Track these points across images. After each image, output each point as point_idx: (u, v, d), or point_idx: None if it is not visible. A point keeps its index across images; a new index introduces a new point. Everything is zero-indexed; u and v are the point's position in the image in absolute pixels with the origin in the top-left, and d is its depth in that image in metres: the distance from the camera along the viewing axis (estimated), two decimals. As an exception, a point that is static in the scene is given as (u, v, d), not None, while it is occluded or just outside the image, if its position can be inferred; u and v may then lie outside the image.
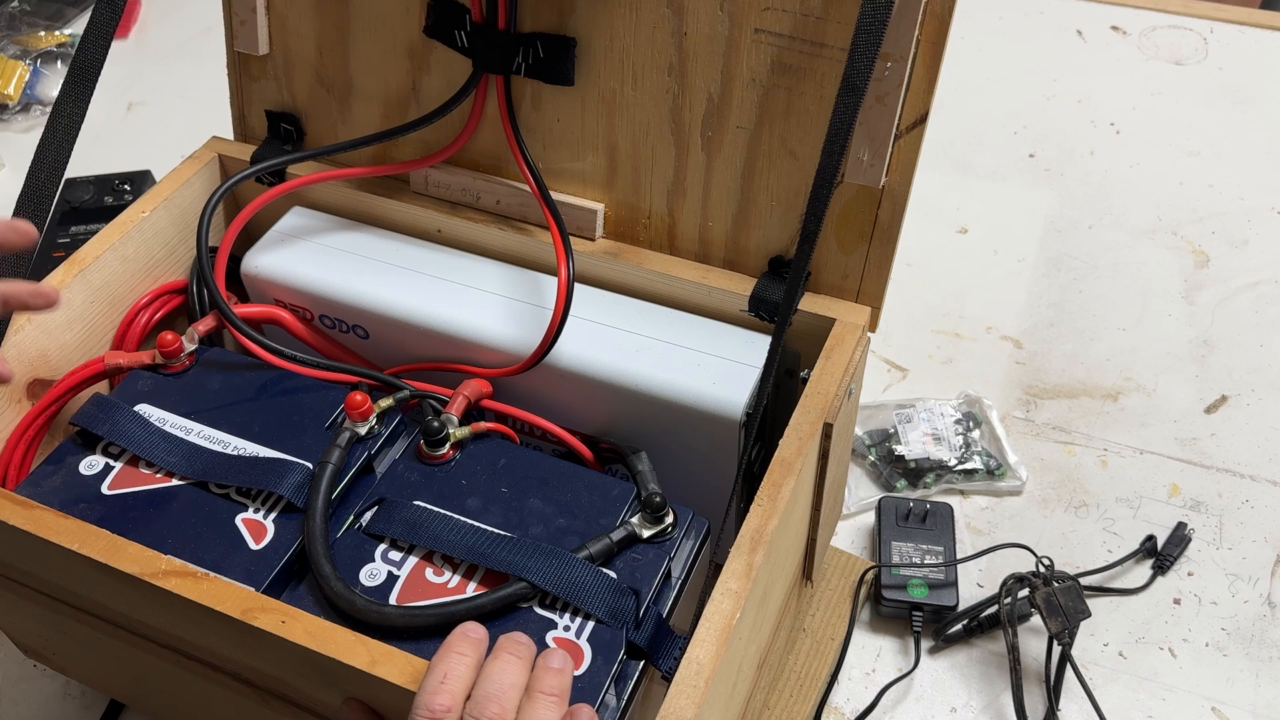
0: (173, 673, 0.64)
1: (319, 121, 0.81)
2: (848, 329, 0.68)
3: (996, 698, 0.79)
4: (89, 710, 0.79)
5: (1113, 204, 1.17)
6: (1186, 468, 0.93)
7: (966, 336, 1.05)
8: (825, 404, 0.64)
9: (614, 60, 0.69)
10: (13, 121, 1.32)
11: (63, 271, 0.72)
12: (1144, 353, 1.03)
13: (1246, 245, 1.13)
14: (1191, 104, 1.29)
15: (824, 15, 0.63)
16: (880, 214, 0.67)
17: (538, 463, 0.66)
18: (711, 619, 0.54)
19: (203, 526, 0.61)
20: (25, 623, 0.71)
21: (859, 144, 0.64)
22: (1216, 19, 1.40)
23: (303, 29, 0.77)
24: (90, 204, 1.10)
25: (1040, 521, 0.90)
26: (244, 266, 0.76)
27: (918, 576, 0.82)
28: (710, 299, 0.72)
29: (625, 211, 0.74)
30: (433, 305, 0.72)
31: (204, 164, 0.80)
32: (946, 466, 0.91)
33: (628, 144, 0.72)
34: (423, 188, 0.78)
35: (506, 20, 0.69)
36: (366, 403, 0.65)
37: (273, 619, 0.54)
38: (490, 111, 0.74)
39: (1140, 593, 0.85)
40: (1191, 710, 0.79)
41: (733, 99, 0.67)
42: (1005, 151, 1.24)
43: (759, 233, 0.71)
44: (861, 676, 0.81)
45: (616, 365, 0.68)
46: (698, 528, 0.64)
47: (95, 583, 0.59)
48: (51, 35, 1.40)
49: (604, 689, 0.55)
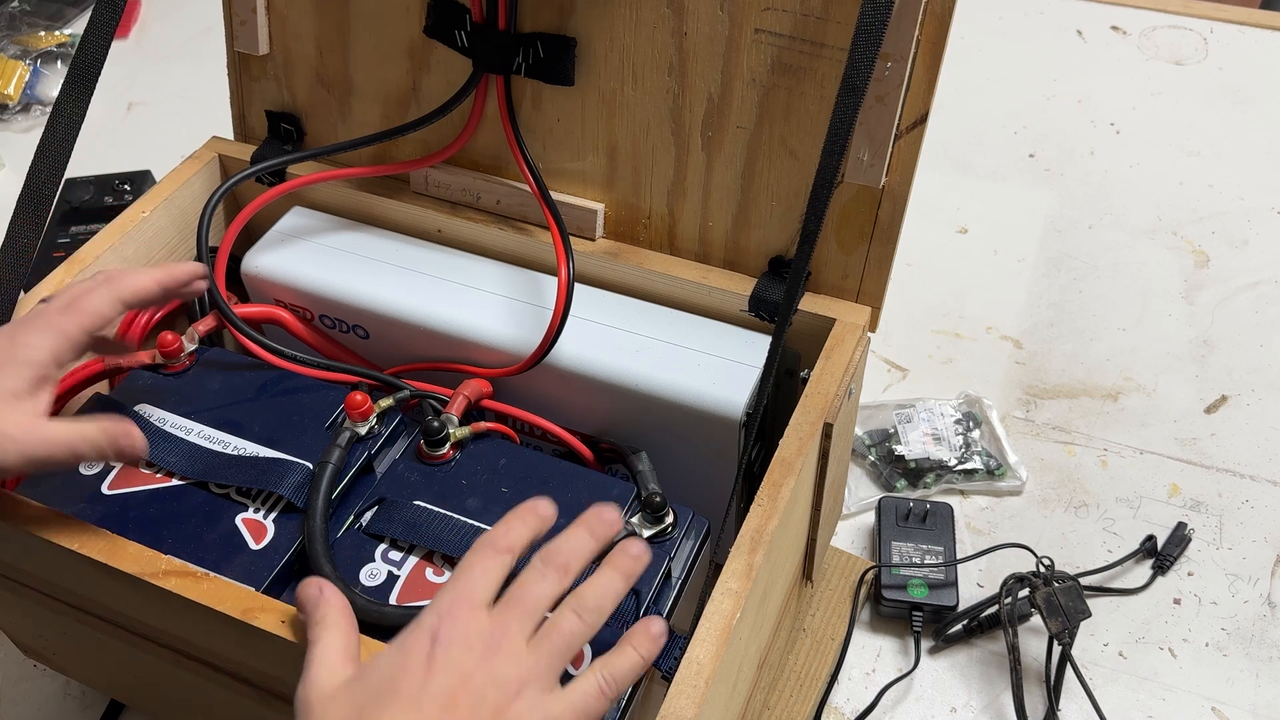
0: (173, 673, 0.64)
1: (319, 121, 0.81)
2: (848, 329, 0.68)
3: (996, 698, 0.79)
4: (89, 710, 0.79)
5: (1113, 204, 1.17)
6: (1186, 468, 0.93)
7: (966, 336, 1.05)
8: (825, 404, 0.64)
9: (614, 60, 0.69)
10: (13, 121, 1.32)
11: (63, 271, 0.72)
12: (1144, 353, 1.03)
13: (1246, 245, 1.13)
14: (1191, 104, 1.29)
15: (824, 15, 0.63)
16: (880, 214, 0.67)
17: (538, 463, 0.66)
18: (711, 619, 0.54)
19: (203, 526, 0.61)
20: (25, 623, 0.71)
21: (859, 144, 0.64)
22: (1216, 19, 1.40)
23: (303, 29, 0.77)
24: (90, 204, 1.10)
25: (1040, 521, 0.90)
26: (244, 266, 0.76)
27: (918, 576, 0.82)
28: (710, 299, 0.72)
29: (625, 211, 0.74)
30: (433, 305, 0.72)
31: (204, 164, 0.80)
32: (946, 466, 0.91)
33: (628, 144, 0.72)
34: (423, 188, 0.78)
35: (506, 20, 0.69)
36: (366, 403, 0.65)
37: (273, 619, 0.54)
38: (490, 111, 0.74)
39: (1140, 593, 0.85)
40: (1191, 710, 0.79)
41: (733, 99, 0.67)
42: (1005, 151, 1.24)
43: (759, 233, 0.71)
44: (861, 676, 0.81)
45: (616, 365, 0.68)
46: (698, 528, 0.64)
47: (95, 583, 0.59)
48: (51, 35, 1.40)
49: (604, 689, 0.55)
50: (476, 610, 0.49)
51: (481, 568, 0.50)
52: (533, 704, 0.47)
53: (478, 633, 0.48)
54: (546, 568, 0.51)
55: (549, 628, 0.50)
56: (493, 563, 0.51)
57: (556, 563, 0.51)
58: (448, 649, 0.47)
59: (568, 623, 0.50)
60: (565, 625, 0.50)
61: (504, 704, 0.47)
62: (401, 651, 0.48)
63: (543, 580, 0.50)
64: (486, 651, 0.48)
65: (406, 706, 0.46)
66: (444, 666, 0.47)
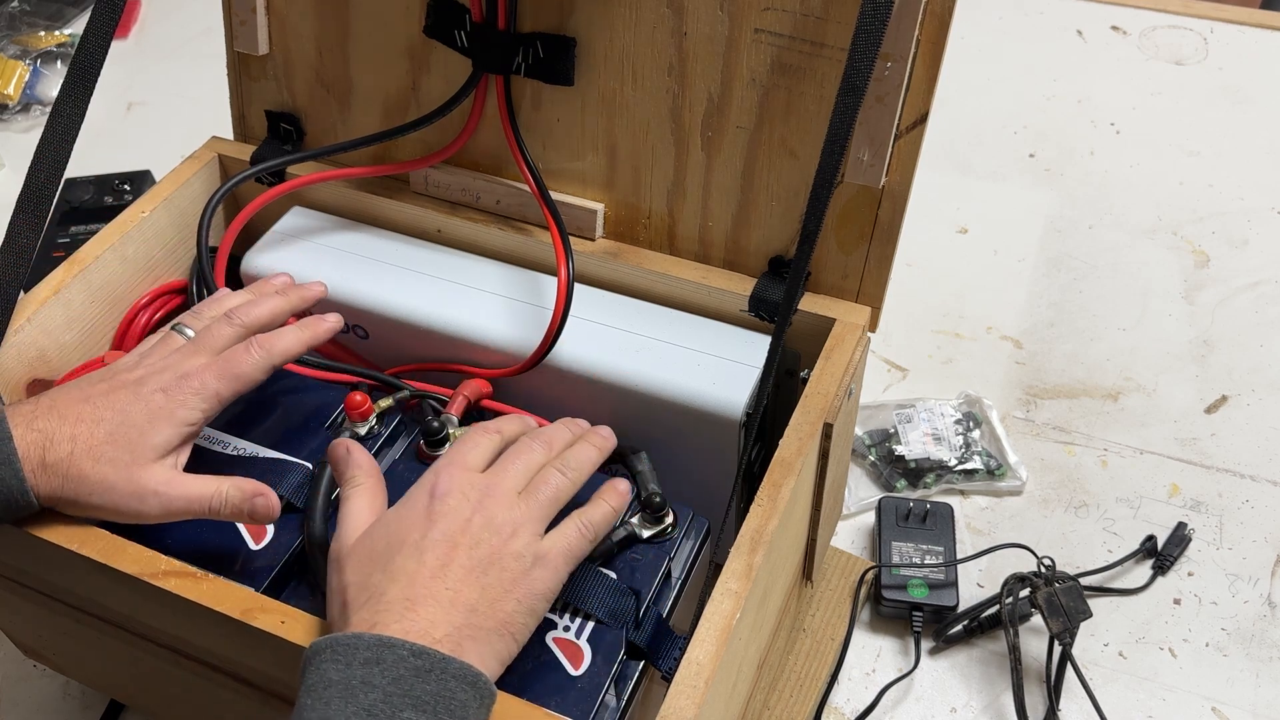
0: (173, 673, 0.64)
1: (319, 121, 0.81)
2: (848, 329, 0.68)
3: (997, 698, 0.79)
4: (89, 710, 0.79)
5: (1113, 204, 1.17)
6: (1186, 468, 0.93)
7: (966, 336, 1.05)
8: (825, 404, 0.64)
9: (614, 60, 0.69)
10: (13, 121, 1.32)
11: (63, 271, 0.72)
12: (1144, 353, 1.03)
13: (1246, 245, 1.13)
14: (1191, 104, 1.29)
15: (824, 15, 0.63)
16: (880, 214, 0.67)
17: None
18: (711, 619, 0.54)
19: (203, 526, 0.61)
20: (25, 623, 0.71)
21: (859, 144, 0.64)
22: (1216, 19, 1.40)
23: (303, 29, 0.77)
24: (90, 204, 1.10)
25: (1040, 521, 0.90)
26: (244, 266, 0.76)
27: (918, 576, 0.82)
28: (710, 299, 0.72)
29: (625, 211, 0.74)
30: (433, 305, 0.72)
31: (204, 164, 0.80)
32: (946, 466, 0.91)
33: (628, 144, 0.72)
34: (423, 188, 0.78)
35: (506, 20, 0.69)
36: (366, 403, 0.65)
37: (273, 619, 0.54)
38: (490, 111, 0.74)
39: (1140, 593, 0.85)
40: (1191, 710, 0.79)
41: (733, 99, 0.67)
42: (1005, 151, 1.24)
43: (759, 233, 0.71)
44: (861, 676, 0.81)
45: (616, 365, 0.68)
46: (698, 528, 0.64)
47: (95, 583, 0.59)
48: (51, 35, 1.40)
49: (604, 689, 0.55)
50: (470, 471, 0.56)
51: (474, 441, 0.58)
52: (525, 543, 0.53)
53: (472, 484, 0.54)
54: (533, 441, 0.58)
55: (538, 481, 0.56)
56: (484, 438, 0.58)
57: (541, 438, 0.59)
58: (445, 499, 0.53)
59: (554, 477, 0.56)
60: (552, 479, 0.56)
61: (500, 545, 0.53)
62: (405, 506, 0.54)
63: (530, 449, 0.58)
64: (482, 500, 0.54)
65: (411, 553, 0.52)
66: (443, 515, 0.53)
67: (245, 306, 0.65)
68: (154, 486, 0.56)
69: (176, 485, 0.57)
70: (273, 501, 0.58)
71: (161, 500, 0.57)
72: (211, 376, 0.59)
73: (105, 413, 0.57)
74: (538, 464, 0.57)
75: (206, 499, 0.57)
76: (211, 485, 0.58)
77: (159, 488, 0.57)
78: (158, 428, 0.57)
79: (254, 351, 0.61)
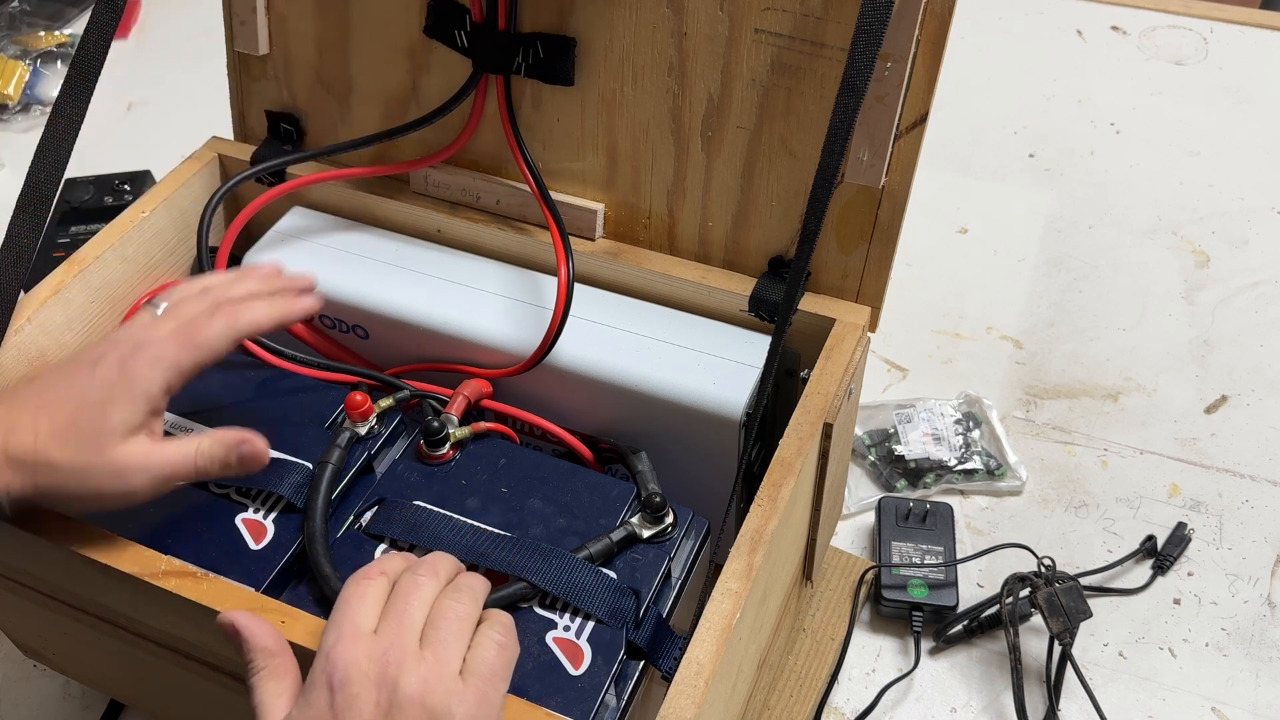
0: (173, 673, 0.64)
1: (319, 121, 0.81)
2: (848, 329, 0.68)
3: (997, 698, 0.79)
4: (89, 710, 0.79)
5: (1113, 204, 1.17)
6: (1186, 468, 0.93)
7: (966, 336, 1.05)
8: (825, 404, 0.64)
9: (614, 60, 0.69)
10: (13, 121, 1.32)
11: (63, 271, 0.72)
12: (1144, 353, 1.03)
13: (1246, 245, 1.13)
14: (1191, 104, 1.29)
15: (824, 15, 0.63)
16: (880, 214, 0.67)
17: (538, 463, 0.66)
18: (711, 619, 0.54)
19: (203, 526, 0.61)
20: (25, 623, 0.71)
21: (859, 144, 0.64)
22: (1216, 19, 1.40)
23: (303, 29, 0.77)
24: (90, 204, 1.10)
25: (1040, 521, 0.90)
26: (244, 266, 0.76)
27: (918, 576, 0.82)
28: (710, 299, 0.72)
29: (625, 211, 0.74)
30: (433, 305, 0.72)
31: (204, 164, 0.80)
32: (946, 466, 0.91)
33: (628, 144, 0.72)
34: (423, 188, 0.78)
35: (506, 20, 0.69)
36: (366, 403, 0.65)
37: (272, 619, 0.54)
38: (490, 111, 0.74)
39: (1140, 593, 0.85)
40: (1191, 710, 0.79)
41: (733, 99, 0.67)
42: (1005, 151, 1.24)
43: (759, 233, 0.71)
44: (861, 676, 0.81)
45: (616, 365, 0.68)
46: (698, 528, 0.64)
47: (95, 583, 0.59)
48: (51, 35, 1.40)
49: (604, 689, 0.55)
50: (360, 639, 0.49)
51: (359, 595, 0.51)
52: (448, 694, 0.48)
53: (370, 658, 0.48)
54: (418, 575, 0.52)
55: (435, 618, 0.50)
56: (369, 588, 0.51)
57: (423, 569, 0.52)
58: (345, 690, 0.47)
59: (452, 607, 0.50)
60: (450, 610, 0.50)
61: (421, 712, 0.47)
62: (308, 706, 0.48)
63: (418, 585, 0.51)
64: (383, 674, 0.48)
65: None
66: (346, 709, 0.47)
67: (222, 285, 0.61)
68: (133, 462, 0.54)
69: (155, 455, 0.55)
70: (259, 445, 0.56)
71: (146, 473, 0.54)
72: (171, 345, 0.56)
73: (64, 395, 0.54)
74: (431, 597, 0.51)
75: (190, 458, 0.55)
76: (191, 444, 0.56)
77: (139, 461, 0.54)
78: (117, 403, 0.54)
79: (217, 320, 0.57)
